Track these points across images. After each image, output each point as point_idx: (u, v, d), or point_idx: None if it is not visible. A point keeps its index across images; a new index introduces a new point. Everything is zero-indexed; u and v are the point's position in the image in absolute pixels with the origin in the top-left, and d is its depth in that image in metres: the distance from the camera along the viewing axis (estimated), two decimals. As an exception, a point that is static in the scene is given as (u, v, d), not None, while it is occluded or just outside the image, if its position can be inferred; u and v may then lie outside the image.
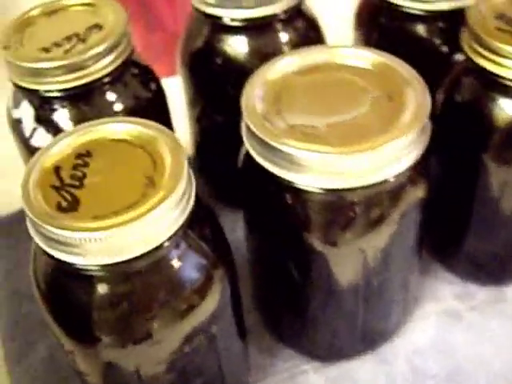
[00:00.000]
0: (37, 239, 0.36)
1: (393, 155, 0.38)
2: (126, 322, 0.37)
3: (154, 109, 0.52)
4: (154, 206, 0.34)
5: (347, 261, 0.43)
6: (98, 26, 0.48)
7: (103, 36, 0.47)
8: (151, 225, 0.34)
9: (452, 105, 0.48)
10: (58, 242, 0.35)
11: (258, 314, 0.54)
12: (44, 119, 0.47)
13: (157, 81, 0.52)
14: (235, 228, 0.52)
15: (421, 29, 0.54)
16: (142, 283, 0.36)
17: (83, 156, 0.39)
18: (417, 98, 0.41)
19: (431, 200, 0.44)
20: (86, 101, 0.47)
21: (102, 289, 0.36)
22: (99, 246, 0.34)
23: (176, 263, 0.37)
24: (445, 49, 0.53)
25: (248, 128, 0.40)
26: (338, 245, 0.42)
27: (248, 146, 0.41)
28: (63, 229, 0.34)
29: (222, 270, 0.40)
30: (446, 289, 0.55)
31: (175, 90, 0.59)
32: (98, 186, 0.37)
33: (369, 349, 0.51)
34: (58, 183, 0.37)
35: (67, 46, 0.46)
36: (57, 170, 0.38)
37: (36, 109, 0.47)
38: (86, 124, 0.40)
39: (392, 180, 0.40)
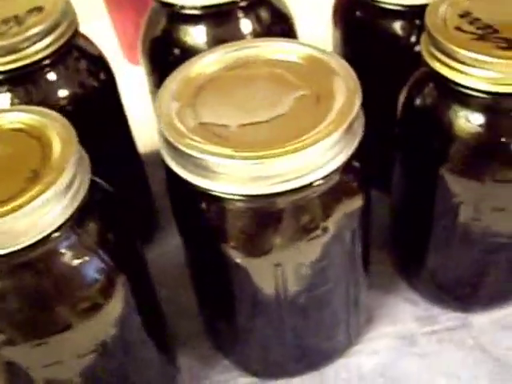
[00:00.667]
0: None
1: (310, 160, 0.35)
2: (15, 319, 0.35)
3: (103, 99, 0.49)
4: (28, 201, 0.33)
5: (267, 274, 0.40)
6: (39, 9, 0.45)
7: (41, 18, 0.44)
8: (25, 219, 0.32)
9: (411, 110, 0.44)
10: None
11: (200, 321, 0.51)
12: (-21, 103, 0.45)
13: (107, 70, 0.50)
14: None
15: (397, 25, 0.49)
16: (27, 277, 0.35)
17: (-23, 145, 0.37)
18: (346, 96, 0.36)
19: (370, 210, 0.40)
20: (25, 85, 0.45)
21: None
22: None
23: (62, 257, 0.35)
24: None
25: (159, 130, 0.37)
26: (255, 256, 0.39)
27: (161, 147, 0.38)
28: None
29: (121, 271, 0.37)
30: (407, 310, 0.50)
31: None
32: (-20, 176, 0.35)
33: (310, 368, 0.48)
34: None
35: (3, 29, 0.44)
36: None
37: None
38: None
39: (316, 184, 0.36)
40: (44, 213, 0.33)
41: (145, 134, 0.58)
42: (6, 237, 0.32)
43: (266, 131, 0.36)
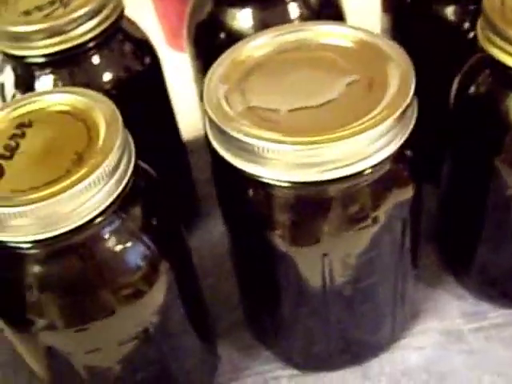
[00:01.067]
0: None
1: (361, 147, 0.33)
2: (57, 304, 0.35)
3: (147, 83, 0.49)
4: (73, 184, 0.32)
5: (314, 264, 0.38)
6: (83, -10, 0.45)
7: (87, 0, 0.44)
8: (69, 202, 0.32)
9: (465, 98, 0.42)
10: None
11: (242, 310, 0.50)
12: (23, 85, 0.45)
13: (153, 54, 0.49)
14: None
15: (451, 10, 0.48)
16: (70, 261, 0.34)
17: (23, 126, 0.36)
18: (399, 82, 0.35)
19: (421, 201, 0.39)
20: (69, 68, 0.45)
21: (31, 266, 0.34)
22: (19, 221, 0.32)
23: (106, 243, 0.35)
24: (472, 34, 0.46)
25: (206, 113, 0.36)
26: (302, 246, 0.37)
27: (208, 132, 0.37)
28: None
29: (164, 258, 0.37)
30: (454, 305, 0.49)
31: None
32: (26, 159, 0.35)
33: (352, 362, 0.46)
34: (-9, 152, 0.35)
35: (49, 10, 0.44)
36: (-6, 138, 0.36)
37: (16, 74, 0.45)
38: (35, 93, 0.39)
39: (366, 173, 0.35)
40: (88, 196, 0.32)
41: (187, 121, 0.57)
42: (49, 220, 0.32)
43: (316, 116, 0.35)
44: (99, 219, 0.34)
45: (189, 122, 0.57)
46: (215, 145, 0.36)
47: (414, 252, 0.43)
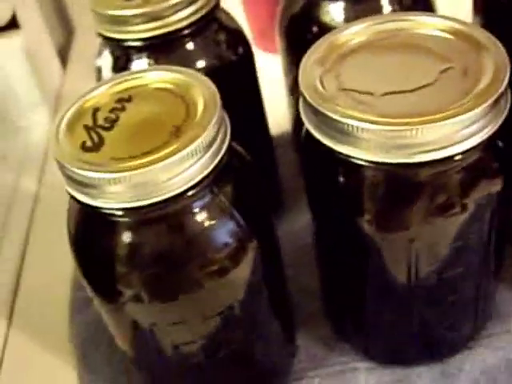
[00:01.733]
0: (65, 181, 0.36)
1: (453, 132, 0.33)
2: (144, 274, 0.36)
3: (240, 73, 0.49)
4: (171, 154, 0.33)
5: (400, 251, 0.38)
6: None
7: (184, -13, 0.45)
8: (166, 173, 0.33)
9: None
10: (77, 181, 0.34)
11: (322, 302, 0.50)
12: (120, 69, 0.47)
13: (246, 46, 0.50)
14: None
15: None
16: (161, 233, 0.35)
17: (123, 101, 0.38)
18: (494, 71, 0.35)
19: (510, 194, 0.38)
20: (164, 53, 0.46)
21: (122, 235, 0.35)
22: (116, 187, 0.33)
23: (197, 218, 0.35)
24: None
25: (301, 94, 0.37)
26: (390, 230, 0.37)
27: (301, 111, 0.38)
28: (77, 167, 0.33)
29: (253, 237, 0.37)
30: (538, 309, 0.48)
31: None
32: (125, 130, 0.36)
33: (431, 359, 0.46)
34: (90, 123, 0.36)
35: (147, -5, 0.45)
36: (95, 110, 0.37)
37: (114, 58, 0.47)
38: (136, 70, 0.40)
39: (456, 159, 0.35)
40: (183, 168, 0.33)
41: (275, 115, 0.58)
42: (144, 189, 0.33)
43: (410, 100, 0.35)
44: (192, 192, 0.34)
45: (276, 116, 0.58)
46: (308, 126, 0.37)
47: (500, 248, 0.42)
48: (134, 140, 0.35)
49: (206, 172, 0.34)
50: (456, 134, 0.34)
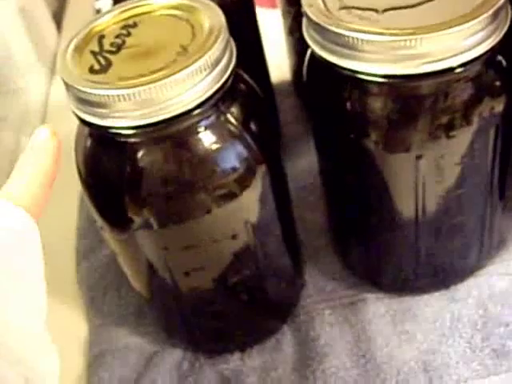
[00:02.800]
0: (71, 105, 0.36)
1: (455, 42, 0.34)
2: (154, 195, 0.36)
3: (240, 16, 0.49)
4: (178, 70, 0.33)
5: (404, 169, 0.39)
6: None
7: None
8: (174, 89, 0.33)
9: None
10: (85, 101, 0.34)
11: (330, 237, 0.50)
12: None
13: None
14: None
15: None
16: (170, 153, 0.36)
17: (129, 27, 0.38)
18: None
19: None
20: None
21: (131, 156, 0.36)
22: (125, 104, 0.33)
23: (205, 138, 0.36)
24: None
25: (305, 14, 0.37)
26: (396, 145, 0.38)
27: (305, 32, 0.38)
28: (86, 85, 0.34)
29: (262, 160, 0.37)
30: (542, 234, 0.48)
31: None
32: (133, 52, 0.36)
33: (439, 286, 0.46)
34: (97, 49, 0.37)
35: None
36: (100, 37, 0.38)
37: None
38: (139, -3, 0.40)
39: (459, 71, 0.35)
40: (191, 84, 0.33)
41: (274, 63, 0.58)
42: (152, 106, 0.33)
43: (413, 14, 0.35)
44: (200, 109, 0.34)
45: (276, 64, 0.58)
46: (312, 45, 0.37)
47: (504, 175, 0.43)
48: (142, 60, 0.35)
49: (213, 90, 0.35)
50: (457, 45, 0.34)
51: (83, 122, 0.36)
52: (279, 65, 0.61)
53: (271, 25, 0.61)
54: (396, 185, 0.40)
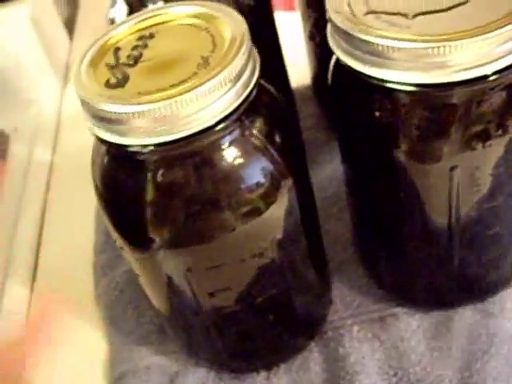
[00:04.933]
0: (87, 122, 0.34)
1: (489, 48, 0.32)
2: (176, 214, 0.34)
3: (259, 20, 0.48)
4: (200, 84, 0.31)
5: (440, 182, 0.37)
6: None
7: None
8: (195, 104, 0.31)
9: None
10: (102, 118, 0.33)
11: (355, 249, 0.49)
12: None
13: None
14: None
15: None
16: (191, 170, 0.34)
17: (145, 38, 0.37)
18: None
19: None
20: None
21: (150, 174, 0.34)
22: (144, 121, 0.31)
23: (228, 154, 0.34)
24: None
25: (330, 20, 0.36)
26: (430, 159, 0.36)
27: (330, 38, 0.36)
28: (103, 102, 0.32)
29: (288, 174, 0.36)
30: None
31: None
32: (150, 65, 0.35)
33: (472, 299, 0.44)
34: (113, 62, 0.35)
35: None
36: (116, 50, 0.36)
37: (129, 5, 0.45)
38: (154, 7, 0.38)
39: (493, 78, 0.33)
40: (213, 99, 0.32)
41: (295, 69, 0.57)
42: (172, 122, 0.31)
43: (445, 20, 0.33)
44: (222, 125, 0.33)
45: (297, 69, 0.57)
46: (338, 52, 0.35)
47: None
48: (161, 74, 0.34)
49: (236, 104, 0.33)
50: (492, 51, 0.32)
51: (100, 139, 0.34)
52: (298, 70, 0.59)
53: (289, 28, 0.59)
54: (429, 197, 0.38)
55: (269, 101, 0.37)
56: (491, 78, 0.33)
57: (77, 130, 0.64)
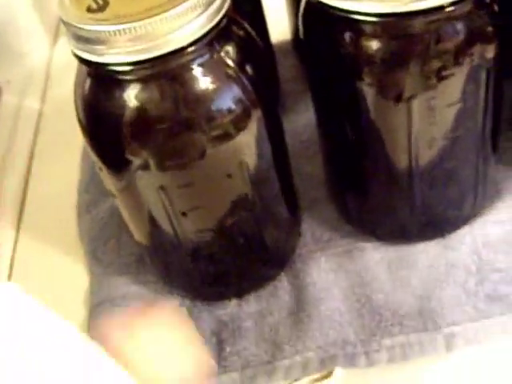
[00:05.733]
0: (71, 45, 0.36)
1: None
2: (150, 133, 0.37)
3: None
4: (173, 7, 0.34)
5: (398, 114, 0.39)
6: None
7: None
8: (168, 25, 0.34)
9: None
10: (83, 38, 0.35)
11: (327, 188, 0.51)
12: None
13: None
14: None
15: None
16: (165, 91, 0.36)
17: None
18: None
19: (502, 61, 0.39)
20: None
21: (127, 94, 0.36)
22: (121, 40, 0.34)
23: (200, 76, 0.36)
24: None
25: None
26: (388, 88, 0.38)
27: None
28: (85, 23, 0.34)
29: (255, 103, 0.38)
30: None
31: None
32: (129, -8, 0.36)
33: (434, 235, 0.47)
34: (94, -10, 0.37)
35: None
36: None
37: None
38: None
39: (449, 9, 0.35)
40: (183, 22, 0.34)
41: (274, 23, 0.59)
42: (148, 41, 0.34)
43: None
44: (194, 47, 0.35)
45: (276, 24, 0.59)
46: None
47: (496, 125, 0.43)
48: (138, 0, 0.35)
49: (207, 28, 0.35)
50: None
51: (82, 60, 0.36)
52: (279, 24, 0.61)
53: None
54: (390, 130, 0.41)
55: (243, 34, 0.39)
56: (448, 9, 0.35)
57: (66, 82, 0.66)
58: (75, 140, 0.60)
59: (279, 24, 0.62)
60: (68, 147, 0.62)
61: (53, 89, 0.70)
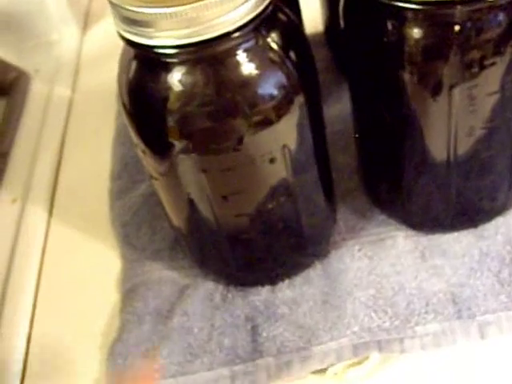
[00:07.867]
0: (117, 27, 0.37)
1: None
2: (192, 115, 0.37)
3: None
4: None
5: (438, 102, 0.39)
6: None
7: None
8: (217, 9, 0.34)
9: None
10: (132, 21, 0.35)
11: (360, 178, 0.51)
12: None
13: None
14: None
15: None
16: (210, 71, 0.36)
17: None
18: None
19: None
20: None
21: (173, 77, 0.37)
22: (169, 23, 0.34)
23: (246, 61, 0.37)
24: None
25: None
26: (428, 76, 0.39)
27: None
28: (132, 5, 0.35)
29: (298, 89, 0.38)
30: None
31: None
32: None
33: (467, 224, 0.47)
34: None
35: None
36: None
37: None
38: None
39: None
40: (231, 7, 0.34)
41: (308, 15, 0.59)
42: (194, 26, 0.34)
43: None
44: (240, 32, 0.35)
45: (310, 16, 0.59)
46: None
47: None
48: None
49: (254, 13, 0.36)
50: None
51: (128, 42, 0.36)
52: (311, 15, 0.62)
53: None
54: (429, 119, 0.41)
55: (286, 21, 0.40)
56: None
57: (96, 71, 0.67)
58: (105, 127, 0.61)
59: (311, 16, 0.62)
60: (98, 134, 0.62)
61: (83, 77, 0.70)
